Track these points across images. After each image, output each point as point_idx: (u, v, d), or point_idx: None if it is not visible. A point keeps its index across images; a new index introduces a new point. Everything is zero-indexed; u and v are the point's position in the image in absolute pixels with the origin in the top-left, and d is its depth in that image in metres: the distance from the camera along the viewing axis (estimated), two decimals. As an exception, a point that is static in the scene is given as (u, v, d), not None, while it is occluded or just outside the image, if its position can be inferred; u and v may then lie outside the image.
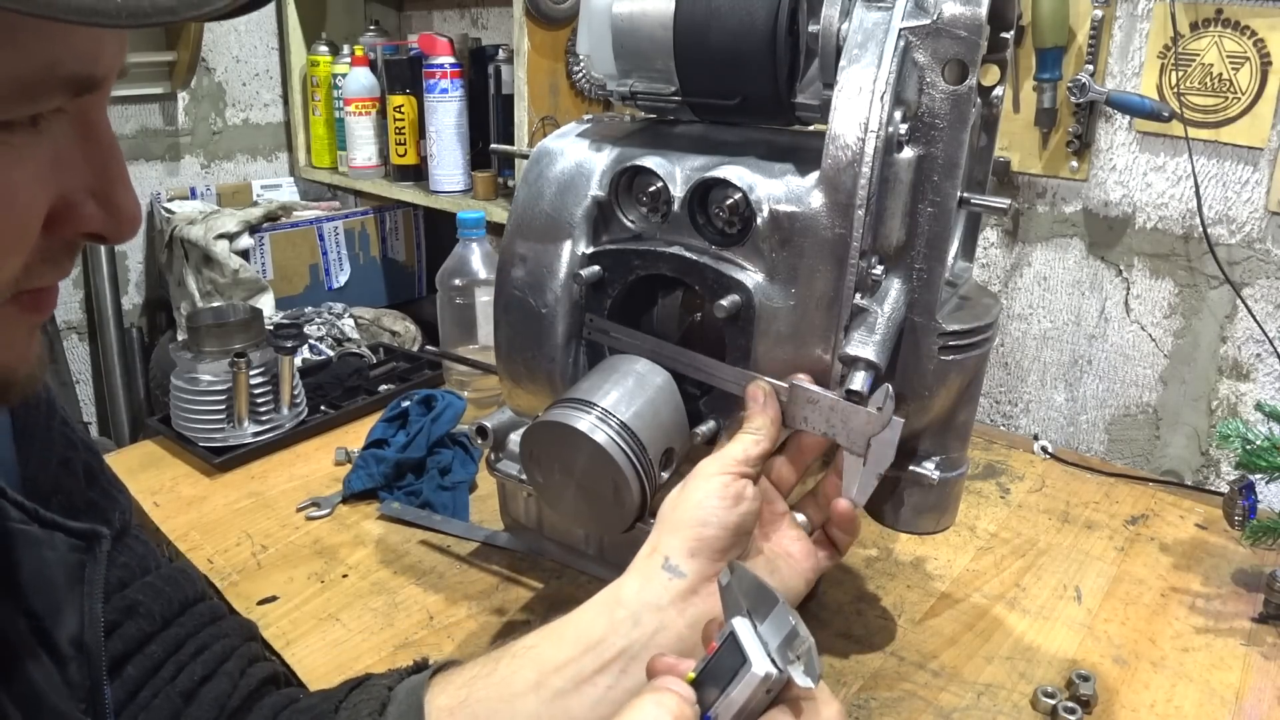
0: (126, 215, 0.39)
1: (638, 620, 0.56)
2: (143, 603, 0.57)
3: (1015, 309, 1.26)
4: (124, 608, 0.56)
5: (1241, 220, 1.06)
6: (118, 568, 0.56)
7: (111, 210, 0.38)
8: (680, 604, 0.56)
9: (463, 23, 1.94)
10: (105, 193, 0.38)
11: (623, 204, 0.71)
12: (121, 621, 0.55)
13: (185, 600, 0.60)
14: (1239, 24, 1.01)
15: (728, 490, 0.57)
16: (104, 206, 0.38)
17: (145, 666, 0.55)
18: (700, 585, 0.57)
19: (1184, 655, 0.80)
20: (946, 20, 0.61)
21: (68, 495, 0.54)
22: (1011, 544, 0.96)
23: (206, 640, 0.59)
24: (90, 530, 0.52)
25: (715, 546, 0.57)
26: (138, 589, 0.57)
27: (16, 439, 0.53)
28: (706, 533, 0.56)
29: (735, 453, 0.59)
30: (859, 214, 0.61)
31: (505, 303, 0.75)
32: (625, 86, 0.73)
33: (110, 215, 0.38)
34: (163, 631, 0.57)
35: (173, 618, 0.58)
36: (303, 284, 1.83)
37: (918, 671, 0.77)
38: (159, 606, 0.57)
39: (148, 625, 0.56)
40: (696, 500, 0.57)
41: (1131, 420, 1.20)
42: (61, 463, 0.55)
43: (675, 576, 0.56)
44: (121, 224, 0.39)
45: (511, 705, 0.54)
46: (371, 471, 1.03)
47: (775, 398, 0.62)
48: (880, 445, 0.59)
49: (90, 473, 0.57)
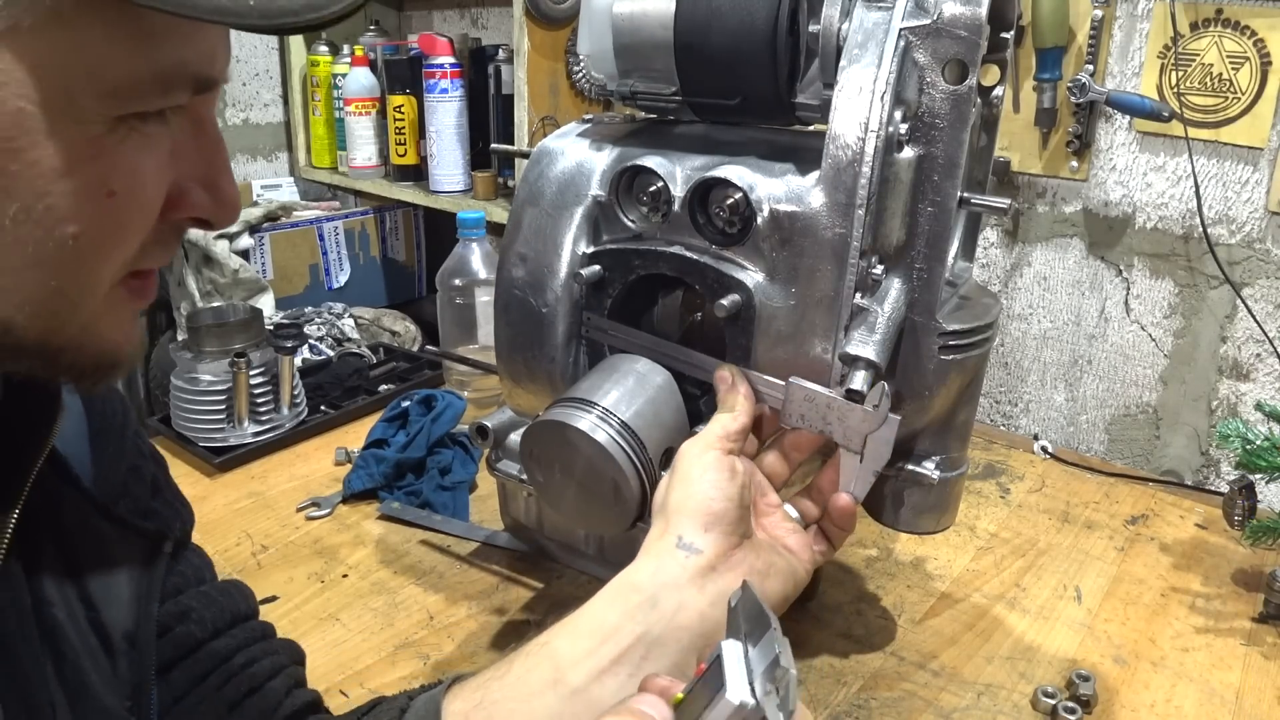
0: (229, 202, 0.43)
1: (655, 602, 0.55)
2: (195, 610, 0.58)
3: (1015, 309, 1.26)
4: (177, 613, 0.56)
5: (1241, 220, 1.06)
6: (174, 575, 0.57)
7: (218, 197, 0.42)
8: (700, 580, 0.56)
9: (463, 23, 1.94)
10: (213, 181, 0.42)
11: (623, 203, 0.71)
12: (173, 626, 0.56)
13: (238, 614, 0.61)
14: (1239, 24, 1.01)
15: (721, 464, 0.58)
16: (211, 193, 0.42)
17: (193, 673, 0.56)
18: (718, 561, 0.56)
19: (1184, 655, 0.80)
20: (947, 20, 0.61)
21: (135, 500, 0.55)
22: (1011, 544, 0.96)
23: (256, 655, 0.59)
24: (157, 531, 0.54)
25: (727, 519, 0.57)
26: (192, 596, 0.58)
27: (92, 440, 0.54)
28: (715, 506, 0.57)
29: (716, 430, 0.60)
30: (859, 214, 0.61)
31: (505, 302, 0.75)
32: (626, 86, 0.73)
33: (216, 201, 0.42)
34: (213, 640, 0.58)
35: (224, 628, 0.59)
36: (303, 284, 1.83)
37: (918, 671, 0.77)
38: (211, 615, 0.58)
39: (199, 632, 0.57)
40: (695, 478, 0.58)
41: (1131, 420, 1.20)
42: (132, 469, 0.56)
43: (692, 554, 0.56)
44: (225, 209, 0.43)
45: (529, 704, 0.53)
46: (371, 471, 1.03)
47: (743, 376, 0.63)
48: (877, 443, 0.60)
49: (156, 484, 0.58)
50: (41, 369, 0.42)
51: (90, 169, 0.36)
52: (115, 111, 0.36)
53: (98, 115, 0.36)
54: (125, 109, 0.37)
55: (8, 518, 0.45)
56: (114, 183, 0.37)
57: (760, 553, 0.59)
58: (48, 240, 0.37)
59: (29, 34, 0.33)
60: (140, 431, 0.59)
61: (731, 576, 0.56)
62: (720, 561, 0.57)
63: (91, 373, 0.43)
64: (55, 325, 0.40)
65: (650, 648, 0.55)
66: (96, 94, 0.35)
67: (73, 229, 0.37)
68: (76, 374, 0.43)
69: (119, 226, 0.39)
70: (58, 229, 0.37)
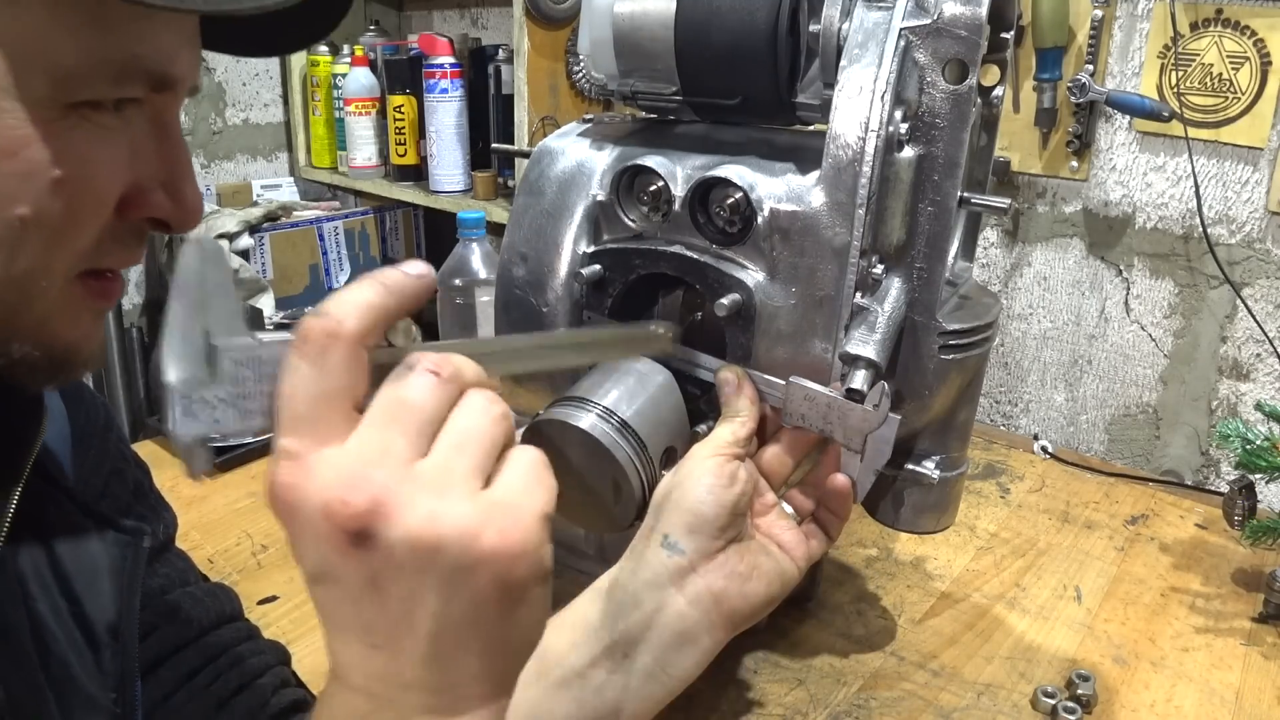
0: (190, 206, 0.43)
1: (638, 602, 0.57)
2: (183, 609, 0.58)
3: (1015, 309, 1.26)
4: (164, 612, 0.57)
5: (1241, 220, 1.06)
6: (159, 577, 0.57)
7: (178, 200, 0.43)
8: (680, 581, 0.57)
9: (463, 23, 1.94)
10: (174, 184, 0.42)
11: (624, 203, 0.71)
12: (160, 624, 0.56)
13: (224, 614, 0.61)
14: (1239, 24, 1.01)
15: (723, 470, 0.58)
16: (172, 196, 0.42)
17: (181, 670, 0.56)
18: (699, 563, 0.58)
19: (1184, 655, 0.80)
20: (947, 20, 0.62)
21: (115, 499, 0.55)
22: (1011, 544, 0.96)
23: (243, 654, 0.60)
24: (135, 527, 0.54)
25: (714, 524, 0.57)
26: (179, 595, 0.58)
27: (74, 442, 0.54)
28: (705, 510, 0.57)
29: (725, 435, 0.60)
30: (860, 213, 0.61)
31: (506, 301, 0.75)
32: (626, 86, 0.73)
33: (177, 204, 0.43)
34: (200, 639, 0.58)
35: (211, 627, 0.59)
36: (303, 284, 1.83)
37: (918, 671, 0.77)
38: (198, 614, 0.59)
39: (186, 631, 0.57)
40: (693, 481, 0.58)
41: (1131, 420, 1.20)
42: (114, 472, 0.57)
43: (674, 554, 0.57)
44: (186, 213, 0.43)
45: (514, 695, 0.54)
46: (371, 471, 1.03)
47: (748, 379, 0.63)
48: (877, 442, 0.60)
49: (139, 488, 0.59)
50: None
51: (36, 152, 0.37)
52: (66, 98, 0.37)
53: (47, 99, 0.36)
54: (75, 96, 0.37)
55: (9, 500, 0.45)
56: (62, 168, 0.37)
57: (745, 555, 0.59)
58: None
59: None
60: (124, 436, 0.60)
61: (711, 578, 0.57)
62: (701, 563, 0.58)
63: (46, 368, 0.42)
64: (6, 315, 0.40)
65: (631, 647, 0.56)
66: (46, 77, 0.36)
67: (21, 210, 0.37)
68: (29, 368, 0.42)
69: (70, 214, 0.39)
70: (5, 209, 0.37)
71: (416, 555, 0.33)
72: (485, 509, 0.34)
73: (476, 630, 0.35)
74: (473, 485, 0.35)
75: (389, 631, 0.35)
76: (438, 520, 0.33)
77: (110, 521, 0.53)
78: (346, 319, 0.35)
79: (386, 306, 0.36)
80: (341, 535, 0.33)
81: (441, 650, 0.35)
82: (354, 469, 0.34)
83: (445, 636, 0.35)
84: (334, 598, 0.35)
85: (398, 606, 0.34)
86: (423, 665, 0.35)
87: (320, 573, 0.35)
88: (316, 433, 0.34)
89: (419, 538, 0.33)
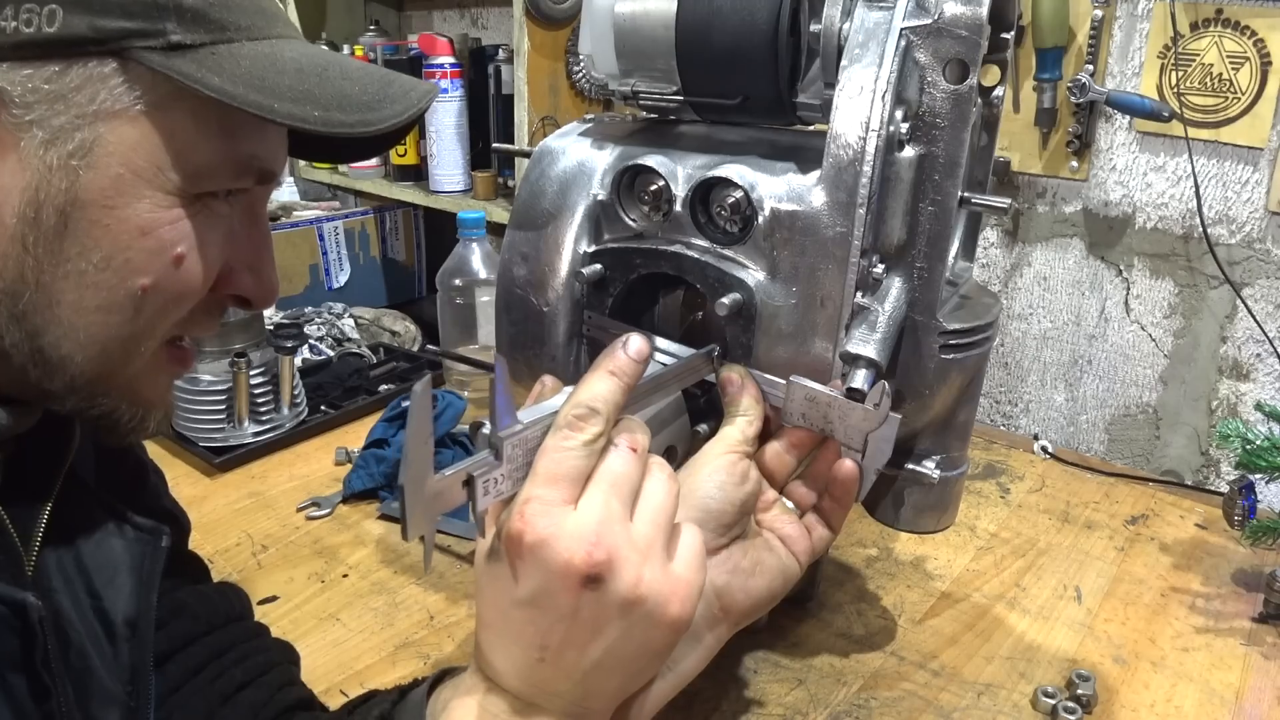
0: (270, 287, 0.50)
1: None
2: (190, 605, 0.61)
3: (1015, 309, 1.26)
4: (173, 608, 0.59)
5: (1241, 220, 1.06)
6: (171, 575, 0.59)
7: (261, 281, 0.50)
8: None
9: (463, 23, 1.94)
10: (258, 267, 0.49)
11: (624, 203, 0.71)
12: (169, 620, 0.59)
13: (231, 612, 0.64)
14: (1239, 24, 1.01)
15: (735, 469, 0.58)
16: (255, 277, 0.49)
17: (187, 665, 0.59)
18: None
19: (1184, 655, 0.80)
20: (947, 20, 0.62)
21: (134, 499, 0.58)
22: (1011, 544, 0.96)
23: (249, 651, 0.62)
24: (154, 526, 0.57)
25: (721, 521, 0.57)
26: (187, 593, 0.62)
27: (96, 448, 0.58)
28: (712, 505, 0.57)
29: (734, 434, 0.60)
30: (860, 213, 0.61)
31: (507, 301, 0.75)
32: (627, 86, 0.74)
33: (259, 285, 0.50)
34: (207, 635, 0.61)
35: (218, 625, 0.62)
36: (303, 284, 1.82)
37: (918, 671, 0.77)
38: (206, 612, 0.62)
39: (193, 627, 0.60)
40: (704, 478, 0.58)
41: (1131, 420, 1.20)
42: (133, 476, 0.61)
43: None
44: (266, 293, 0.50)
45: None
46: (372, 471, 1.03)
47: (750, 377, 0.63)
48: (877, 441, 0.60)
49: (156, 492, 0.63)
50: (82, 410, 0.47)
51: (167, 233, 0.44)
52: (194, 189, 0.44)
53: (180, 189, 0.43)
54: (202, 187, 0.44)
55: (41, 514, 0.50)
56: (183, 247, 0.44)
57: (749, 551, 0.60)
58: (120, 288, 0.43)
59: (134, 117, 0.42)
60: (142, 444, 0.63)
61: (714, 573, 0.57)
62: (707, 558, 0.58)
63: (125, 423, 0.48)
64: (108, 370, 0.45)
65: None
66: (182, 171, 0.43)
67: (144, 281, 0.44)
68: (111, 423, 0.48)
69: (180, 287, 0.45)
70: (130, 280, 0.43)
71: (623, 604, 0.44)
72: (674, 582, 0.46)
73: (627, 665, 0.46)
74: (665, 557, 0.46)
75: (560, 650, 0.45)
76: (643, 582, 0.44)
77: (131, 521, 0.56)
78: (609, 420, 0.47)
79: (624, 400, 0.48)
80: (579, 576, 0.43)
81: (597, 674, 0.46)
82: (597, 529, 0.44)
83: (605, 664, 0.45)
84: (534, 618, 0.44)
85: (583, 635, 0.44)
86: (577, 681, 0.46)
87: (536, 597, 0.44)
88: (564, 492, 0.44)
89: (631, 591, 0.44)
